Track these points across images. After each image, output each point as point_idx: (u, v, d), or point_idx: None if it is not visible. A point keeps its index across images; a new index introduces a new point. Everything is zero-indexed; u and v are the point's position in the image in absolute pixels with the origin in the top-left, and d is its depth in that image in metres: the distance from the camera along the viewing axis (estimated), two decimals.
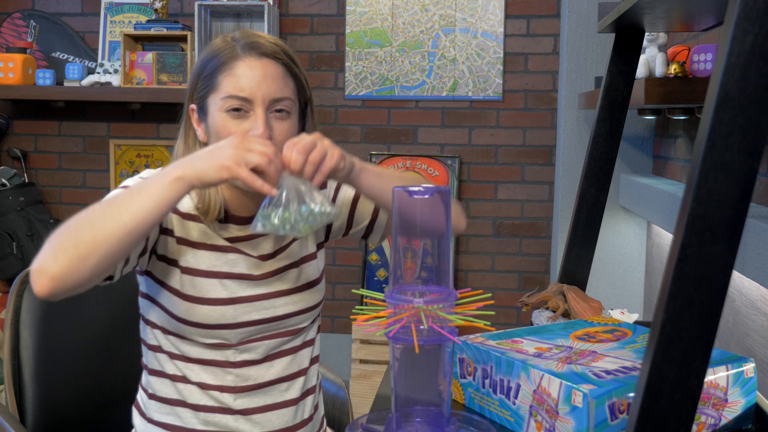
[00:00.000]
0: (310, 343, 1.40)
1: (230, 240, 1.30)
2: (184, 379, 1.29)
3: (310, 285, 1.37)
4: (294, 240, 1.36)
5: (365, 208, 1.42)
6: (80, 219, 1.07)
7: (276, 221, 1.11)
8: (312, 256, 1.39)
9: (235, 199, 1.30)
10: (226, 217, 1.30)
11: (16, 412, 1.43)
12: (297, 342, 1.37)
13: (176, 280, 1.26)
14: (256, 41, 1.25)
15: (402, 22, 3.26)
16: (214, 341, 1.28)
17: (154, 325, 1.31)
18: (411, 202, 0.96)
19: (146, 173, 1.26)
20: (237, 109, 1.21)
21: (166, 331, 1.29)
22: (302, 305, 1.35)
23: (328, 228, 1.43)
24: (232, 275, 1.28)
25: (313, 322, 1.40)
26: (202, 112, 1.27)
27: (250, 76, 1.22)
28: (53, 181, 3.51)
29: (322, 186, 1.40)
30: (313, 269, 1.38)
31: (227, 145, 1.09)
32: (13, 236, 3.27)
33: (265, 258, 1.32)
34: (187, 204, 1.28)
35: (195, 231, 1.28)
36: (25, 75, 3.28)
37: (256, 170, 1.09)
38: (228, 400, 1.29)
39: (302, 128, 1.33)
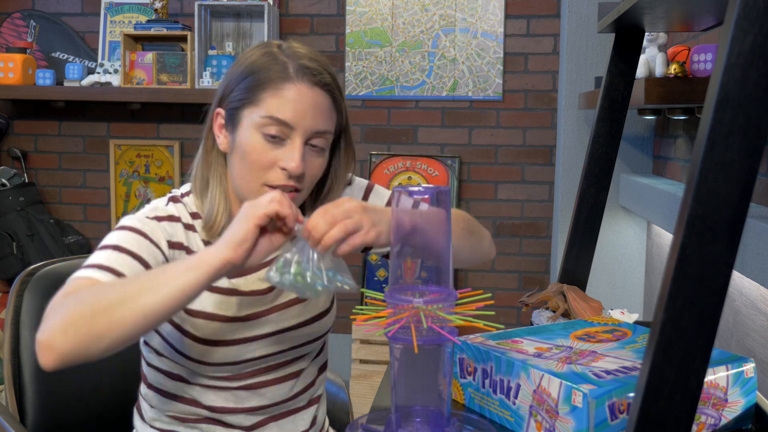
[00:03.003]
0: (318, 356, 1.37)
1: (231, 277, 1.23)
2: (188, 400, 1.27)
3: (319, 316, 1.31)
4: None
5: None
6: (94, 296, 0.99)
7: (298, 276, 1.01)
8: None
9: None
10: None
11: (16, 412, 1.43)
12: (304, 364, 1.33)
13: (182, 319, 1.22)
14: (309, 66, 1.16)
15: (402, 22, 3.26)
16: (216, 374, 1.25)
17: (158, 353, 1.27)
18: (413, 216, 0.95)
19: (137, 222, 1.17)
20: (274, 135, 1.14)
21: (172, 361, 1.26)
22: (310, 337, 1.31)
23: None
24: (236, 318, 1.23)
25: (322, 343, 1.37)
26: (232, 122, 1.19)
27: (299, 103, 1.14)
28: (53, 181, 3.51)
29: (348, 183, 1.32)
30: (322, 300, 1.32)
31: (239, 218, 1.01)
32: (13, 236, 3.27)
33: (267, 291, 1.26)
34: (196, 243, 1.22)
35: None
36: (25, 75, 3.28)
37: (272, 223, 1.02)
38: (229, 418, 1.27)
39: (330, 157, 1.25)
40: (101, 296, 0.99)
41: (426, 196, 0.95)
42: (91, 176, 3.50)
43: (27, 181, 3.42)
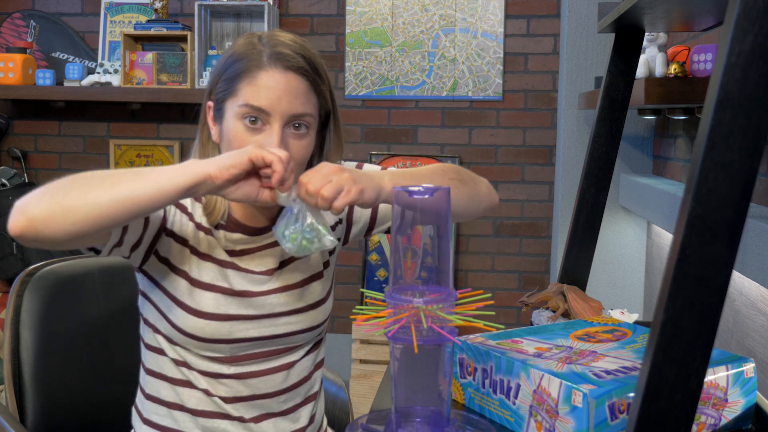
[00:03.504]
0: (313, 351, 1.38)
1: (236, 252, 1.27)
2: (185, 384, 1.28)
3: (315, 305, 1.33)
4: (294, 259, 1.33)
5: (387, 207, 1.38)
6: (80, 176, 1.04)
7: (287, 236, 1.12)
8: (318, 275, 1.35)
9: (243, 207, 1.28)
10: (235, 227, 1.28)
11: (16, 412, 1.43)
12: (297, 356, 1.34)
13: (177, 288, 1.24)
14: (282, 52, 1.19)
15: (402, 22, 3.26)
16: (209, 354, 1.26)
17: (155, 329, 1.29)
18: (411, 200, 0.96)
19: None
20: (254, 120, 1.18)
21: (168, 339, 1.27)
22: (304, 325, 1.32)
23: (347, 234, 1.40)
24: (231, 292, 1.25)
25: (318, 336, 1.38)
26: (219, 113, 1.23)
27: (271, 89, 1.17)
28: None
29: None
30: (319, 288, 1.34)
31: (242, 150, 1.08)
32: None
33: (268, 273, 1.29)
34: (200, 214, 1.27)
35: (204, 242, 1.26)
36: (25, 75, 3.28)
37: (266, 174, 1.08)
38: (225, 407, 1.28)
39: (322, 141, 1.29)
40: (85, 178, 1.04)
41: (426, 196, 0.95)
42: None
43: (27, 181, 3.42)
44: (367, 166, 1.38)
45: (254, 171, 1.09)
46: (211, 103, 1.26)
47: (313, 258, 1.35)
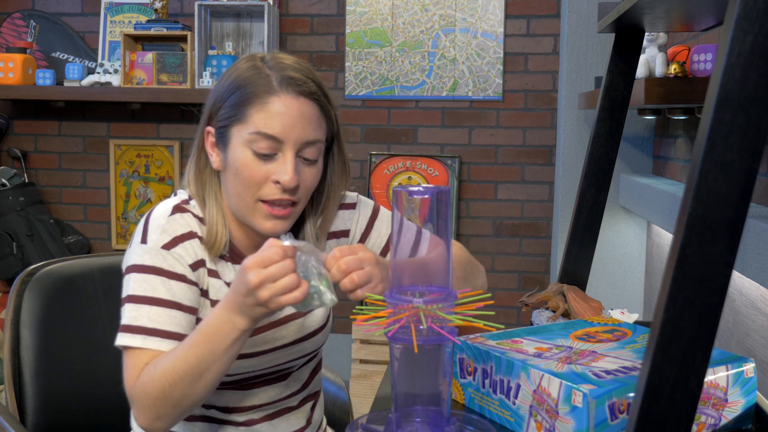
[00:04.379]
0: (311, 360, 1.37)
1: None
2: None
3: (315, 332, 1.32)
4: None
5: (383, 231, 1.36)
6: (166, 386, 1.08)
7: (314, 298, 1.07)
8: None
9: (244, 237, 1.24)
10: (239, 258, 1.24)
11: (16, 412, 1.43)
12: (294, 369, 1.33)
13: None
14: (293, 76, 1.15)
15: (402, 22, 3.26)
16: None
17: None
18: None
19: (158, 260, 1.17)
20: (266, 154, 1.14)
21: None
22: (305, 352, 1.31)
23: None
24: None
25: (315, 355, 1.37)
26: (222, 140, 1.18)
27: (285, 116, 1.13)
28: (53, 181, 3.51)
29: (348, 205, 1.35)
30: (319, 315, 1.33)
31: (254, 301, 1.02)
32: (13, 236, 3.28)
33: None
34: (200, 254, 1.22)
35: (214, 288, 1.22)
36: (25, 75, 3.28)
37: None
38: (224, 415, 1.28)
39: (325, 165, 1.25)
40: (170, 385, 1.08)
41: (426, 196, 0.95)
42: (91, 176, 3.50)
43: (27, 181, 3.42)
44: (383, 215, 1.35)
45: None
46: (211, 129, 1.20)
47: None
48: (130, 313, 1.14)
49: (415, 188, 0.95)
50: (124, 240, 3.46)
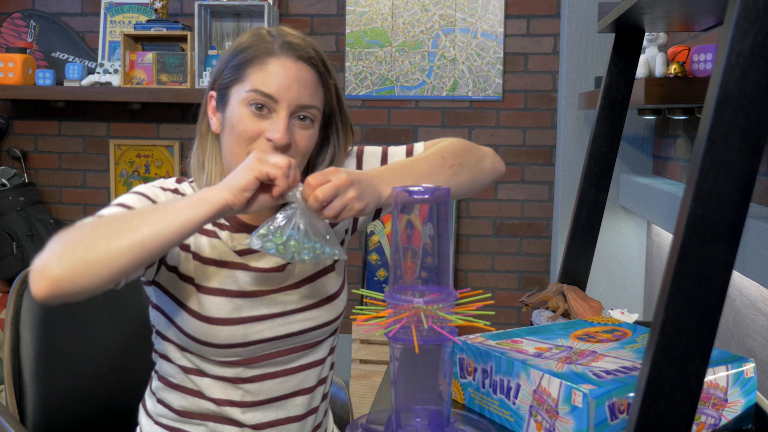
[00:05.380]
0: (329, 353, 1.36)
1: (244, 252, 1.25)
2: (196, 393, 1.27)
3: (328, 299, 1.32)
4: None
5: None
6: (95, 224, 1.03)
7: (281, 244, 1.07)
8: (330, 268, 1.34)
9: None
10: (239, 226, 1.26)
11: (16, 412, 1.43)
12: (314, 356, 1.32)
13: (186, 296, 1.22)
14: (294, 42, 1.19)
15: (402, 22, 3.26)
16: (226, 359, 1.24)
17: (165, 338, 1.27)
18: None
19: (144, 188, 1.22)
20: (260, 107, 1.17)
21: (180, 348, 1.25)
22: (320, 320, 1.30)
23: (354, 225, 1.39)
24: (242, 293, 1.23)
25: (332, 333, 1.36)
26: (222, 101, 1.22)
27: (282, 76, 1.17)
28: (53, 181, 3.51)
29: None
30: (331, 282, 1.33)
31: (243, 166, 1.05)
32: (13, 236, 3.28)
33: (278, 269, 1.27)
34: None
35: (207, 246, 1.24)
36: (25, 75, 3.28)
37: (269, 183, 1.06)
38: (236, 414, 1.26)
39: (324, 138, 1.28)
40: (102, 226, 1.02)
41: (426, 196, 0.95)
42: (91, 176, 3.50)
43: (27, 181, 3.42)
44: (368, 151, 1.36)
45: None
46: (213, 93, 1.25)
47: None
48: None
49: (415, 188, 0.95)
50: None
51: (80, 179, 3.50)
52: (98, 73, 3.31)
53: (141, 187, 1.22)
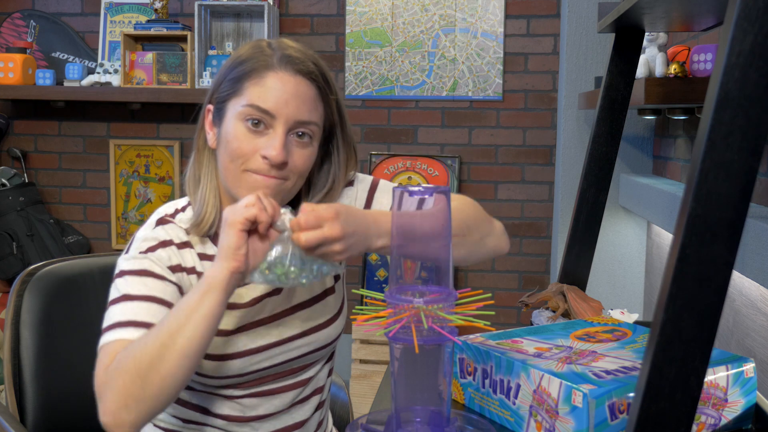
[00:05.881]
0: (328, 362, 1.35)
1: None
2: (187, 404, 1.26)
3: (328, 323, 1.29)
4: None
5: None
6: (135, 358, 1.01)
7: (283, 274, 1.03)
8: (330, 290, 1.31)
9: None
10: None
11: (16, 412, 1.43)
12: (313, 371, 1.31)
13: None
14: (293, 55, 1.15)
15: (402, 22, 3.26)
16: (223, 385, 1.23)
17: None
18: (412, 220, 0.94)
19: (140, 263, 1.16)
20: (256, 123, 1.12)
21: None
22: (318, 344, 1.28)
23: None
24: (236, 331, 1.20)
25: (332, 352, 1.35)
26: (219, 115, 1.18)
27: (279, 90, 1.12)
28: (53, 181, 3.51)
29: (349, 184, 1.30)
30: (330, 305, 1.30)
31: (223, 230, 1.01)
32: (13, 236, 3.28)
33: (270, 295, 1.24)
34: (194, 261, 1.20)
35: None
36: (25, 75, 3.28)
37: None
38: (233, 427, 1.26)
39: (325, 154, 1.24)
40: (140, 357, 1.01)
41: (426, 196, 0.95)
42: (91, 176, 3.50)
43: (27, 181, 3.42)
44: (382, 188, 1.31)
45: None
46: (210, 106, 1.21)
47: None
48: (107, 317, 1.13)
49: (415, 188, 0.95)
50: (124, 240, 3.46)
51: (80, 179, 3.50)
52: (98, 73, 3.31)
53: (130, 264, 1.16)
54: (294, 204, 1.22)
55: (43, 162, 3.51)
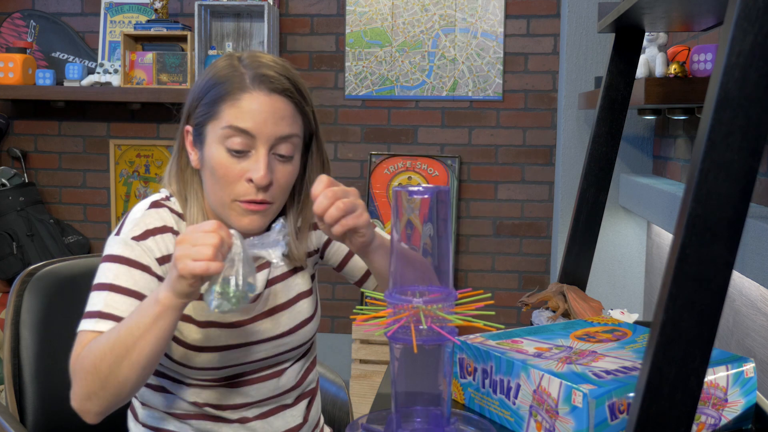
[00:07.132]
0: (302, 358, 1.37)
1: None
2: (172, 394, 1.28)
3: (303, 324, 1.32)
4: (280, 279, 1.30)
5: (357, 266, 1.37)
6: (97, 359, 1.06)
7: (238, 294, 1.03)
8: (307, 293, 1.33)
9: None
10: None
11: (16, 412, 1.43)
12: (286, 364, 1.33)
13: None
14: (266, 74, 1.16)
15: (402, 22, 3.26)
16: (198, 376, 1.26)
17: None
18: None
19: (129, 250, 1.18)
20: (238, 152, 1.14)
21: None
22: (294, 344, 1.32)
23: (322, 255, 1.38)
24: (216, 324, 1.24)
25: (309, 348, 1.37)
26: (199, 138, 1.19)
27: (256, 111, 1.14)
28: (53, 181, 3.51)
29: (315, 227, 1.33)
30: (306, 306, 1.33)
31: (173, 266, 1.02)
32: (13, 236, 3.28)
33: (255, 299, 1.27)
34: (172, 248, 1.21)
35: None
36: (25, 75, 3.28)
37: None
38: (216, 412, 1.28)
39: (304, 163, 1.26)
40: (99, 363, 1.06)
41: (426, 196, 0.95)
42: (91, 176, 3.50)
43: (27, 181, 3.42)
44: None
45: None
46: (189, 128, 1.22)
47: (302, 275, 1.33)
48: (91, 301, 1.16)
49: (415, 188, 0.95)
50: None
51: (80, 179, 3.50)
52: (98, 73, 3.31)
53: (122, 248, 1.18)
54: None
55: (43, 162, 3.51)
